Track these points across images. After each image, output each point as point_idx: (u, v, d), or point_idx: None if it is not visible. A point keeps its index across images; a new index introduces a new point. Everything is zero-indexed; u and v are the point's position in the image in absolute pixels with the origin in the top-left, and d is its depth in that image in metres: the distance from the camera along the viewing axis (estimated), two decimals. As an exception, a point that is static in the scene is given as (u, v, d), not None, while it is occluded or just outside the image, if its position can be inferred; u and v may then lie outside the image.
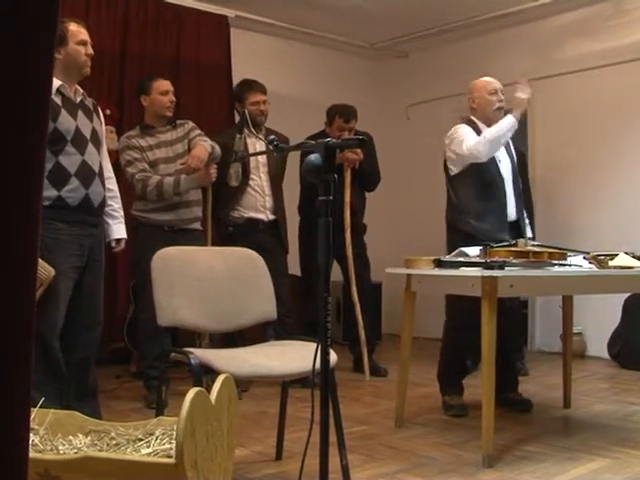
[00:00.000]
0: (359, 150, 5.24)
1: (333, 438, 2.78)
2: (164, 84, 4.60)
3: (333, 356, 2.69)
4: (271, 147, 2.39)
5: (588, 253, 3.73)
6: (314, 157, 1.92)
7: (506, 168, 4.24)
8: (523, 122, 5.44)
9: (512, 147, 4.38)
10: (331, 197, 1.84)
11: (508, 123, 4.04)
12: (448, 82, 6.61)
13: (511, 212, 4.20)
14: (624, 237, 5.69)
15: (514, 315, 4.48)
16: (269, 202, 5.00)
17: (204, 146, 4.51)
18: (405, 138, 7.37)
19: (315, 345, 1.83)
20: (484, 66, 5.57)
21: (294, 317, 4.93)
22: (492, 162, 4.14)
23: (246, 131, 4.83)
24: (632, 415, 4.15)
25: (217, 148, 4.62)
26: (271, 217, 5.01)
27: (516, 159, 4.38)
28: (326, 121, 5.42)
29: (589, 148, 6.36)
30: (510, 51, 6.64)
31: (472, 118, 4.27)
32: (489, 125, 4.16)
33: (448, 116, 4.75)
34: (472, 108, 4.30)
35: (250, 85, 5.08)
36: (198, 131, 4.70)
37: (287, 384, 3.15)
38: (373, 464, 3.15)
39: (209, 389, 2.10)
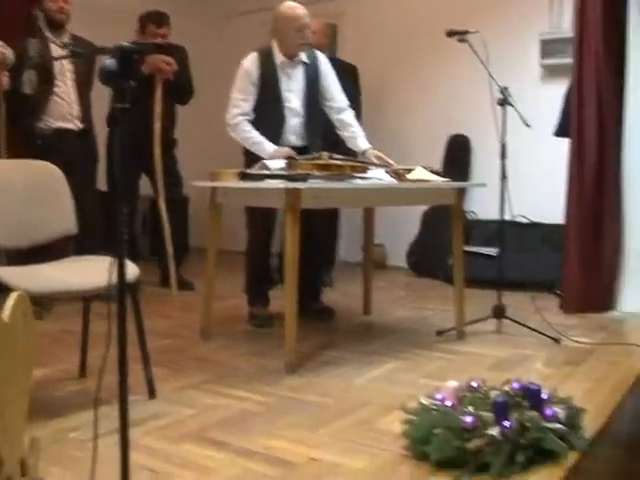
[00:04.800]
0: (172, 61, 5.08)
1: (138, 352, 2.79)
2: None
3: (132, 269, 2.64)
4: (66, 51, 2.25)
5: (388, 167, 3.86)
6: (109, 62, 1.82)
7: (296, 98, 4.16)
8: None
9: (322, 69, 4.25)
10: (127, 105, 1.76)
11: (263, 152, 3.95)
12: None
13: (292, 140, 4.15)
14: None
15: (328, 230, 4.59)
16: (76, 110, 4.75)
17: (-10, 51, 4.19)
18: (219, 52, 7.22)
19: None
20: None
21: (99, 232, 4.77)
22: (277, 100, 4.10)
23: (50, 36, 4.53)
24: (426, 319, 4.45)
25: (9, 53, 4.31)
26: (80, 126, 4.79)
27: (326, 82, 4.26)
28: (137, 29, 5.20)
29: (413, 65, 6.61)
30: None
31: (272, 44, 4.14)
32: (288, 56, 4.10)
33: (261, 30, 4.68)
34: (274, 34, 4.15)
35: (45, -19, 4.71)
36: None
37: (90, 300, 3.06)
38: (179, 376, 3.17)
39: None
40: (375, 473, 2.15)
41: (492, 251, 5.09)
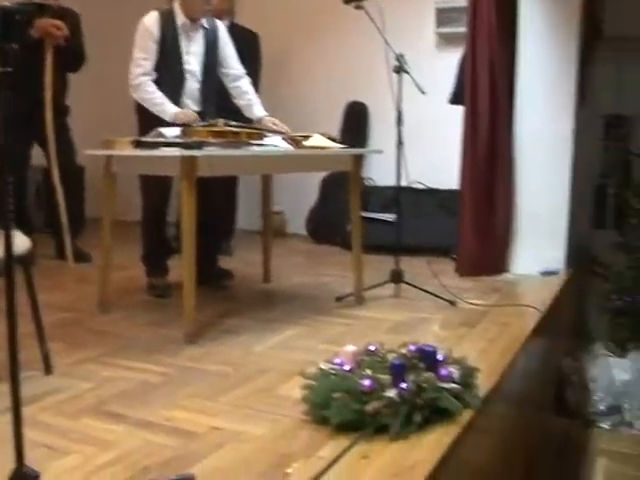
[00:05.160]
0: (63, 26, 4.88)
1: (33, 327, 2.71)
2: None
3: (23, 241, 2.56)
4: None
5: (285, 134, 3.85)
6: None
7: (195, 61, 4.09)
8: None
9: (220, 36, 4.18)
10: (9, 69, 1.68)
11: (165, 114, 3.89)
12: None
13: (189, 104, 4.08)
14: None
15: (226, 198, 4.54)
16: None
17: None
18: (112, 16, 6.98)
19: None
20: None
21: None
22: (177, 60, 4.02)
23: None
24: (325, 285, 4.49)
25: None
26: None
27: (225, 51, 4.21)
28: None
29: (312, 33, 6.60)
30: None
31: (173, 5, 4.03)
32: (190, 19, 4.02)
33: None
34: None
35: None
36: None
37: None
38: (76, 350, 3.09)
39: None
40: (276, 439, 2.16)
41: (389, 217, 5.17)
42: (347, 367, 2.30)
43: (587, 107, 5.39)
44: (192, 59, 4.08)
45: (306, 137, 3.78)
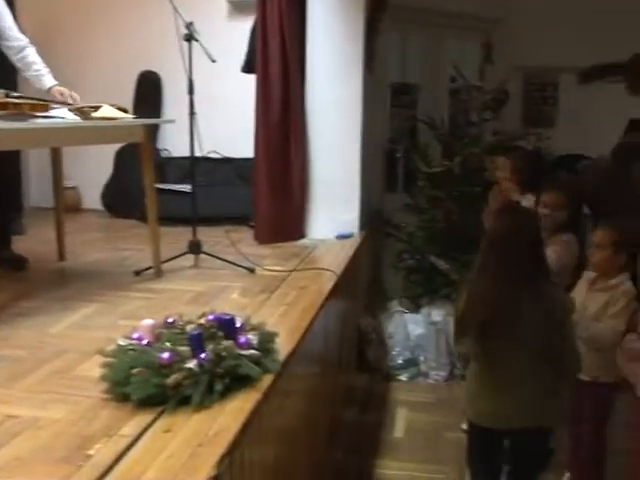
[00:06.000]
0: None
1: None
2: None
3: None
4: None
5: (72, 105, 3.69)
6: None
7: None
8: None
9: None
10: None
11: None
12: None
13: None
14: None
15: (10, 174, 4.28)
16: None
17: None
18: None
19: None
20: None
21: None
22: None
23: None
24: (123, 260, 4.38)
25: None
26: None
27: None
28: None
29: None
30: None
31: None
32: None
33: None
34: None
35: None
36: None
37: None
38: None
39: None
40: (76, 421, 2.09)
41: (186, 188, 5.12)
42: (145, 341, 2.27)
43: (375, 75, 5.60)
44: None
45: (95, 108, 3.63)
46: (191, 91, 4.01)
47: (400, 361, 5.22)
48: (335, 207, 4.93)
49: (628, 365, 2.97)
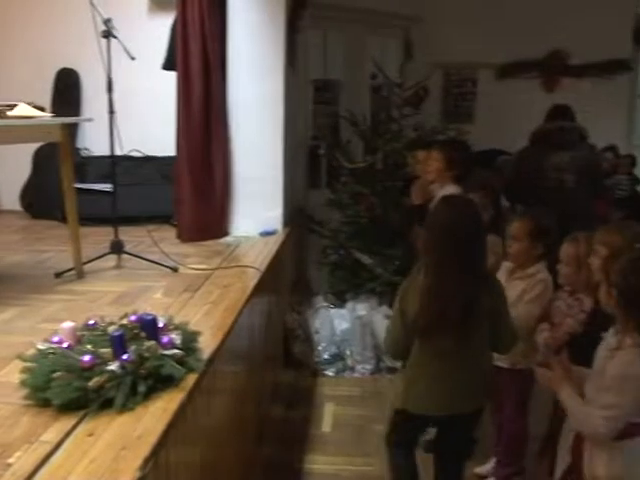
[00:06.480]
0: None
1: None
2: None
3: None
4: None
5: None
6: None
7: None
8: None
9: None
10: None
11: None
12: None
13: None
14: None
15: None
16: None
17: None
18: None
19: None
20: None
21: None
22: None
23: None
24: (44, 262, 4.29)
25: None
26: None
27: None
28: None
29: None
30: None
31: None
32: None
33: None
34: None
35: None
36: None
37: None
38: None
39: None
40: (-5, 429, 2.05)
41: (107, 187, 5.04)
42: (66, 344, 2.23)
43: (297, 72, 5.62)
44: None
45: (11, 107, 3.54)
46: (110, 89, 3.95)
47: (326, 356, 5.25)
48: (258, 204, 4.93)
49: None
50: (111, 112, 3.94)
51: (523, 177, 5.24)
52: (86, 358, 2.11)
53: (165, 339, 2.26)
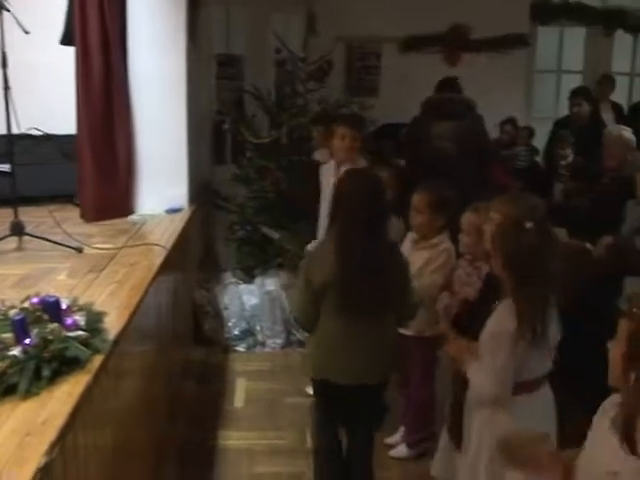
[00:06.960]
0: None
1: None
2: None
3: None
4: None
5: None
6: None
7: None
8: None
9: None
10: None
11: None
12: None
13: None
14: None
15: None
16: None
17: None
18: None
19: None
20: None
21: None
22: None
23: None
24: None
25: None
26: None
27: None
28: None
29: None
30: None
31: None
32: None
33: None
34: None
35: None
36: None
37: None
38: None
39: None
40: None
41: (5, 167, 4.87)
42: (-36, 331, 2.17)
43: (199, 47, 5.55)
44: None
45: None
46: (4, 64, 3.80)
47: (237, 332, 5.27)
48: (163, 181, 4.86)
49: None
50: (6, 88, 3.79)
51: (413, 144, 5.41)
52: (-14, 344, 2.06)
53: (69, 321, 2.22)
